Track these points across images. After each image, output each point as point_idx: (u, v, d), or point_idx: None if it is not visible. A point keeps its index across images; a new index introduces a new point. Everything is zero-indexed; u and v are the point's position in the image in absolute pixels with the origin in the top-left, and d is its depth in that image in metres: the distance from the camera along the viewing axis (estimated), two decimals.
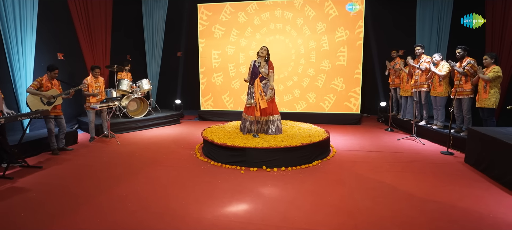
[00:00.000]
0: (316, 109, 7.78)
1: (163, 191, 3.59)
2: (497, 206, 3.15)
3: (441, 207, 3.15)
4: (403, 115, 6.86)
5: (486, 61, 4.68)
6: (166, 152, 5.22)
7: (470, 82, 4.93)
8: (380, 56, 7.99)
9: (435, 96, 5.69)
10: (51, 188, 3.71)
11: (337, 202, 3.28)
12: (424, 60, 5.80)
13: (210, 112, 8.34)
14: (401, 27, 7.93)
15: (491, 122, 4.74)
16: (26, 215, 3.02)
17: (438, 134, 5.58)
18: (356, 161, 4.66)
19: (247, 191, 3.56)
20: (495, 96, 4.64)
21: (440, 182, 3.83)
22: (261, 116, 5.03)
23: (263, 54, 5.05)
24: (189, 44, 8.99)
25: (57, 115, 5.16)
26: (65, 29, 6.88)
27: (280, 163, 4.31)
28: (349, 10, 7.35)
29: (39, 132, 5.78)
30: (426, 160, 4.71)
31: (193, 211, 3.07)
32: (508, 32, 5.61)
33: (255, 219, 2.92)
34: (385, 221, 2.87)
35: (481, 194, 3.46)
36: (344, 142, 5.79)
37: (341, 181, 3.86)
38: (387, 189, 3.63)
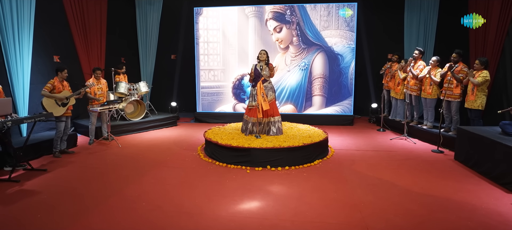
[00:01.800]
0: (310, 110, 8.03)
1: (174, 191, 3.70)
2: (487, 198, 3.43)
3: (437, 200, 3.41)
4: (394, 116, 7.18)
5: (476, 66, 5.01)
6: (169, 154, 5.30)
7: (459, 87, 5.25)
8: (371, 59, 8.31)
9: (425, 98, 6.02)
10: (61, 190, 3.75)
11: (342, 197, 3.48)
12: (418, 66, 6.11)
13: (207, 114, 8.43)
14: (390, 31, 8.28)
15: (478, 122, 5.08)
16: (42, 216, 3.07)
17: (428, 133, 5.91)
18: (354, 160, 4.90)
19: (256, 189, 3.72)
20: (481, 99, 4.99)
21: (434, 177, 4.11)
22: (263, 117, 5.19)
23: (263, 57, 5.23)
24: (184, 46, 9.06)
25: (68, 116, 5.20)
26: (61, 32, 6.84)
27: (283, 162, 4.49)
28: (341, 15, 7.63)
29: (39, 134, 5.74)
30: (419, 158, 5.01)
31: (208, 209, 3.20)
32: (490, 34, 5.99)
33: (268, 215, 3.08)
34: (388, 214, 3.09)
35: (472, 188, 3.75)
36: (340, 142, 6.03)
37: (343, 179, 4.07)
38: (386, 184, 3.87)
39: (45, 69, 6.47)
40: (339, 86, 7.94)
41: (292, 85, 8.06)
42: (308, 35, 7.85)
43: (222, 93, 8.40)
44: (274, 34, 7.96)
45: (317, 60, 7.92)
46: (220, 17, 8.13)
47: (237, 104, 8.37)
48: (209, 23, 8.20)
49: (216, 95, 8.44)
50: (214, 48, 8.27)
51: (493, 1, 5.87)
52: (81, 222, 2.95)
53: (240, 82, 8.28)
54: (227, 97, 8.38)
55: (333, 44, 7.79)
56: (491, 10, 5.93)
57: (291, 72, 8.00)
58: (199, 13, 8.18)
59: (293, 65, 8.00)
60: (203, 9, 8.17)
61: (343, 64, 7.83)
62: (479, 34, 6.36)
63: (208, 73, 8.39)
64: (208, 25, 8.21)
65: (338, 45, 7.78)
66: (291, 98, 8.10)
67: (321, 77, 7.96)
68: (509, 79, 5.65)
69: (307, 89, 8.04)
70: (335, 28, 7.72)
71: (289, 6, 7.81)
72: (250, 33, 8.05)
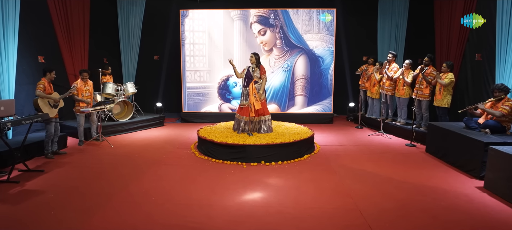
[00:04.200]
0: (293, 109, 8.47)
1: (179, 185, 3.93)
2: (455, 183, 4.00)
3: (414, 186, 3.92)
4: (370, 114, 7.79)
5: (443, 69, 5.65)
6: (164, 152, 5.47)
7: (429, 87, 5.88)
8: (349, 61, 8.90)
9: (399, 97, 6.64)
10: (65, 189, 3.83)
11: (334, 186, 3.89)
12: (392, 68, 6.72)
13: (193, 114, 8.60)
14: (365, 35, 8.92)
15: (445, 118, 5.74)
16: (56, 213, 3.19)
17: (402, 129, 6.53)
18: (339, 154, 5.35)
19: (256, 182, 4.03)
20: (447, 98, 5.64)
21: (409, 167, 4.65)
22: (255, 116, 5.51)
23: (253, 59, 5.56)
24: (168, 47, 9.14)
25: (56, 118, 5.19)
26: (47, 31, 6.74)
27: (277, 157, 4.84)
28: (322, 20, 8.14)
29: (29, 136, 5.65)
30: (395, 151, 5.57)
31: (216, 200, 3.47)
32: (453, 40, 6.73)
33: (272, 203, 3.41)
34: (375, 198, 3.54)
35: (442, 175, 4.32)
36: (324, 139, 6.48)
37: (332, 171, 4.50)
38: (370, 174, 4.34)
39: (29, 70, 6.36)
40: (319, 86, 8.44)
41: (275, 85, 8.44)
42: (290, 38, 8.27)
43: (208, 94, 8.61)
44: (258, 37, 8.30)
45: (299, 62, 8.36)
46: (206, 19, 8.34)
47: (222, 104, 8.62)
48: (195, 25, 8.37)
49: (202, 96, 8.64)
50: (200, 50, 8.46)
51: (456, 10, 6.61)
52: (97, 216, 3.11)
53: (226, 83, 8.53)
54: (212, 98, 8.60)
55: (314, 47, 8.27)
56: (454, 18, 6.67)
57: (275, 73, 8.38)
58: (185, 15, 8.33)
59: (276, 67, 8.38)
60: (189, 11, 8.33)
61: (323, 66, 8.34)
62: (444, 39, 7.12)
63: (194, 74, 8.57)
64: (194, 27, 8.38)
65: (318, 48, 8.27)
66: (275, 98, 8.49)
67: (303, 78, 8.42)
68: (469, 81, 6.41)
69: (290, 89, 8.46)
70: (316, 32, 8.21)
71: (273, 10, 8.19)
72: (235, 36, 8.33)
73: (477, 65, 6.20)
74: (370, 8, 8.64)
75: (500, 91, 4.51)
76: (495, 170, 3.68)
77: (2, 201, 3.48)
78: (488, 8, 5.72)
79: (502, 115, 4.43)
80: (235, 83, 8.50)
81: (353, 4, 8.83)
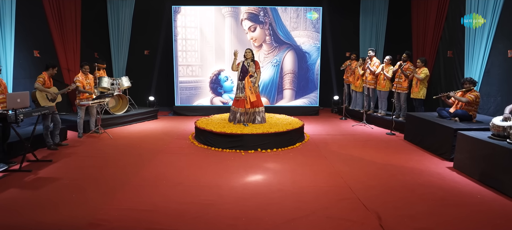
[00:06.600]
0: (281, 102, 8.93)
1: (186, 170, 4.28)
2: (430, 164, 4.59)
3: (395, 167, 4.47)
4: (353, 106, 8.37)
5: (418, 64, 6.26)
6: (164, 142, 5.77)
7: (407, 81, 6.49)
8: (333, 57, 9.44)
9: (380, 90, 7.23)
10: (79, 176, 4.08)
11: (326, 168, 4.38)
12: (374, 63, 7.28)
13: (185, 107, 8.88)
14: (349, 32, 9.48)
15: (420, 109, 6.37)
16: (77, 196, 3.46)
17: (382, 119, 7.13)
18: (327, 142, 5.86)
19: (256, 166, 4.45)
20: (423, 91, 6.27)
21: (390, 152, 5.21)
22: (250, 108, 5.91)
23: (248, 55, 5.94)
24: (160, 43, 9.32)
25: (54, 111, 5.35)
26: (40, 26, 6.81)
27: (272, 145, 5.28)
28: (308, 17, 8.61)
29: (25, 129, 5.78)
30: (377, 139, 6.14)
31: (222, 182, 3.86)
32: (428, 38, 7.37)
33: (273, 183, 3.84)
34: (362, 178, 4.04)
35: (419, 158, 4.90)
36: (312, 129, 6.98)
37: (322, 156, 4.98)
38: (356, 159, 4.86)
39: (26, 64, 6.45)
40: (306, 81, 8.93)
41: (265, 80, 8.85)
42: (279, 35, 8.70)
43: (200, 88, 8.91)
44: (248, 33, 8.67)
45: (287, 58, 8.81)
46: (198, 15, 8.60)
47: (214, 98, 8.95)
48: (187, 21, 8.62)
49: (194, 90, 8.92)
50: (192, 45, 8.73)
51: (430, 10, 7.25)
52: (118, 196, 3.42)
53: (217, 77, 8.86)
54: (204, 92, 8.91)
55: (301, 44, 8.74)
56: (429, 17, 7.32)
57: (264, 68, 8.79)
58: (177, 11, 8.56)
59: (266, 62, 8.79)
60: (181, 8, 8.56)
61: (310, 61, 8.83)
62: (420, 37, 7.76)
63: (186, 69, 8.83)
64: (186, 23, 8.63)
65: (305, 44, 8.75)
66: (265, 92, 8.91)
67: (291, 73, 8.88)
68: (442, 75, 7.09)
69: (279, 83, 8.90)
70: (303, 29, 8.67)
71: (263, 8, 8.57)
72: (226, 32, 8.66)
73: (449, 61, 6.88)
74: (353, 6, 9.19)
75: (470, 84, 5.15)
76: (462, 152, 4.28)
77: (21, 187, 3.71)
78: (458, 9, 6.37)
79: (468, 102, 5.05)
80: (227, 77, 8.85)
81: (338, 2, 9.35)
